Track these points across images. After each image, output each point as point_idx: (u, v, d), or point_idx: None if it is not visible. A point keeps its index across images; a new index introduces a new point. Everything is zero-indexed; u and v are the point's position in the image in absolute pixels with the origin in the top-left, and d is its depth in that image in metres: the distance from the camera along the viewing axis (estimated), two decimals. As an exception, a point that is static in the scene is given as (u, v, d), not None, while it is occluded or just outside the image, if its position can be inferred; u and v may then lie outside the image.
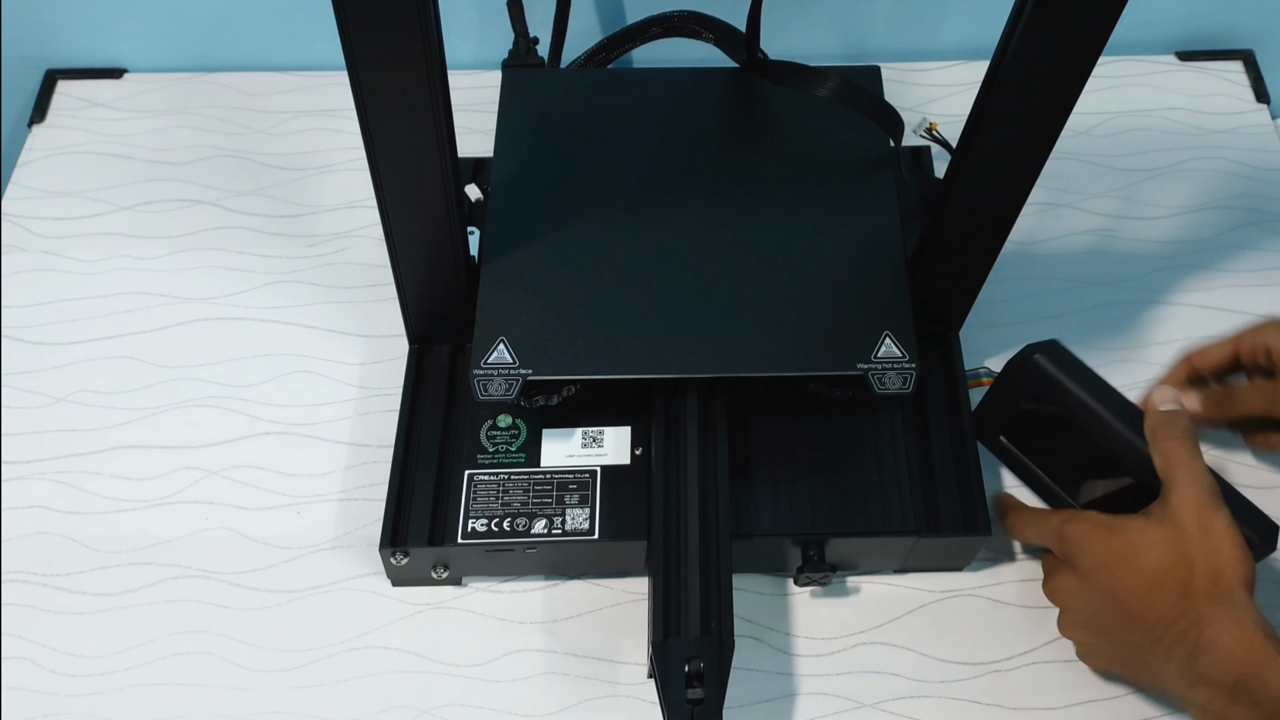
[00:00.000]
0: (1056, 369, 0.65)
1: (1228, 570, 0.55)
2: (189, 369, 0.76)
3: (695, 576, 0.60)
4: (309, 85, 0.90)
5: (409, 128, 0.56)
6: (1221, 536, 0.56)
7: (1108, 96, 0.89)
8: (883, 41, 0.92)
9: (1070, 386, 0.64)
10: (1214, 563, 0.55)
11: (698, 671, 0.57)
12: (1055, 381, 0.65)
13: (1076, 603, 0.61)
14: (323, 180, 0.85)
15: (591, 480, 0.66)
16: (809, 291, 0.65)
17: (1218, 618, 0.54)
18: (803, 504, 0.65)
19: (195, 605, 0.68)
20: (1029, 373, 0.66)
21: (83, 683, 0.65)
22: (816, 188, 0.69)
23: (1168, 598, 0.56)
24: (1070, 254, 0.82)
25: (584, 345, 0.63)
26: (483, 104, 0.86)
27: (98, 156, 0.87)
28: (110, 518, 0.71)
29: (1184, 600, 0.55)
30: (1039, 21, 0.51)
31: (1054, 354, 0.65)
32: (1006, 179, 0.59)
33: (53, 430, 0.74)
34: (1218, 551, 0.55)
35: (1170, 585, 0.56)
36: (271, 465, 0.73)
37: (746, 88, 0.74)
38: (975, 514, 0.65)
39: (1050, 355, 0.65)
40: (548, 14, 0.81)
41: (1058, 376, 0.65)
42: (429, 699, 0.65)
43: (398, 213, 0.61)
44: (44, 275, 0.81)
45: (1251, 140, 0.87)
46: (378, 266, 0.80)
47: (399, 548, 0.64)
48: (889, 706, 0.65)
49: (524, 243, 0.66)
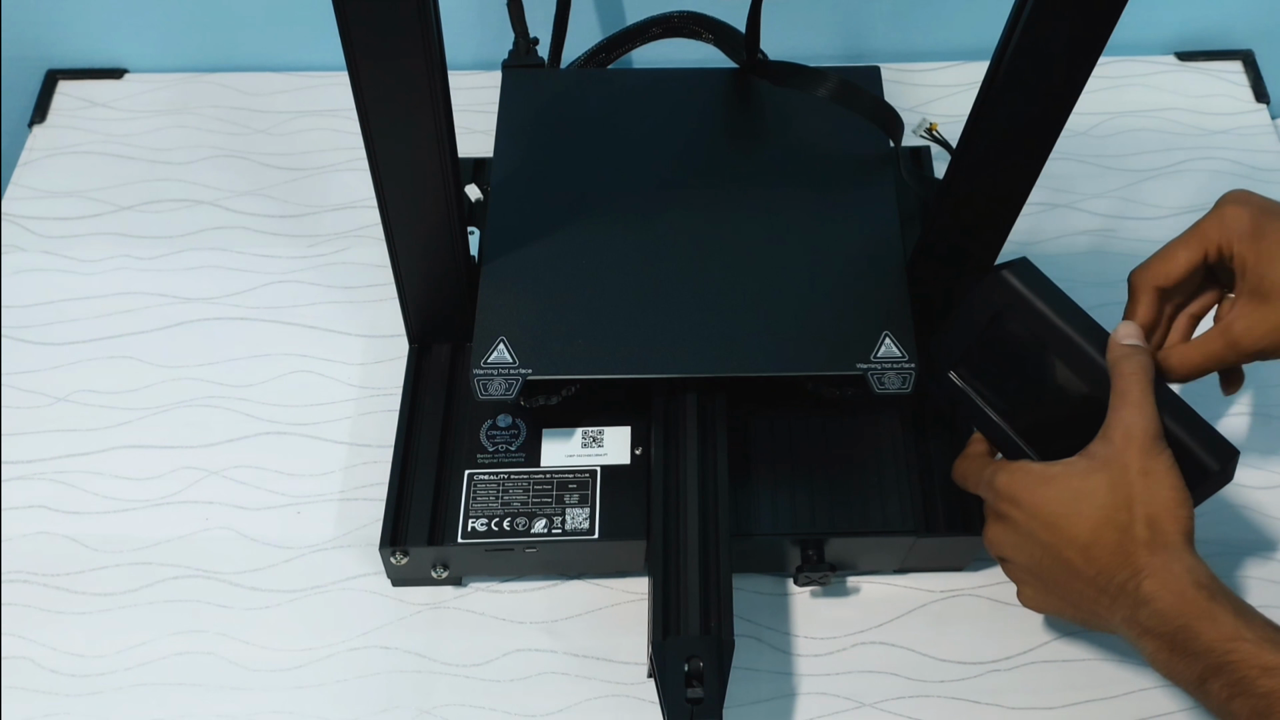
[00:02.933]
0: (1024, 286, 0.61)
1: (1165, 517, 0.53)
2: (189, 369, 0.76)
3: (695, 576, 0.60)
4: (309, 85, 0.90)
5: (409, 128, 0.56)
6: (1161, 480, 0.54)
7: (1107, 97, 0.89)
8: (883, 41, 0.92)
9: (1038, 304, 0.60)
10: (1152, 509, 0.53)
11: (697, 671, 0.57)
12: (1022, 299, 0.61)
13: (1015, 554, 0.58)
14: (323, 180, 0.85)
15: (591, 480, 0.66)
16: (808, 291, 0.65)
17: (1154, 569, 0.52)
18: (802, 504, 0.65)
19: (195, 605, 0.68)
20: (995, 291, 0.62)
21: (83, 683, 0.65)
22: (816, 188, 0.69)
23: (1108, 548, 0.54)
24: (1070, 254, 0.82)
25: (584, 345, 0.63)
26: (483, 104, 0.86)
27: (98, 156, 0.87)
28: (110, 518, 0.71)
29: (1123, 549, 0.53)
30: (1039, 22, 0.51)
31: (1023, 272, 0.62)
32: (1006, 179, 0.59)
33: (53, 430, 0.74)
34: (1156, 496, 0.53)
35: (1109, 534, 0.54)
36: (271, 465, 0.73)
37: (746, 88, 0.74)
38: (975, 514, 0.65)
39: (1019, 273, 0.61)
40: (548, 14, 0.81)
41: (1025, 294, 0.61)
42: (429, 699, 0.65)
43: (398, 213, 0.61)
44: (44, 275, 0.81)
45: (1251, 140, 0.87)
46: (378, 266, 0.80)
47: (399, 547, 0.64)
48: (889, 706, 0.65)
49: (524, 243, 0.66)
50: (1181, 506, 0.54)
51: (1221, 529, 0.71)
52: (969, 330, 0.63)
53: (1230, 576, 0.69)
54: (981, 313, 0.62)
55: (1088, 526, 0.54)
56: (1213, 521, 0.71)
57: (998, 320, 0.62)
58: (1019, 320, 0.61)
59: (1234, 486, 0.72)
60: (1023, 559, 0.58)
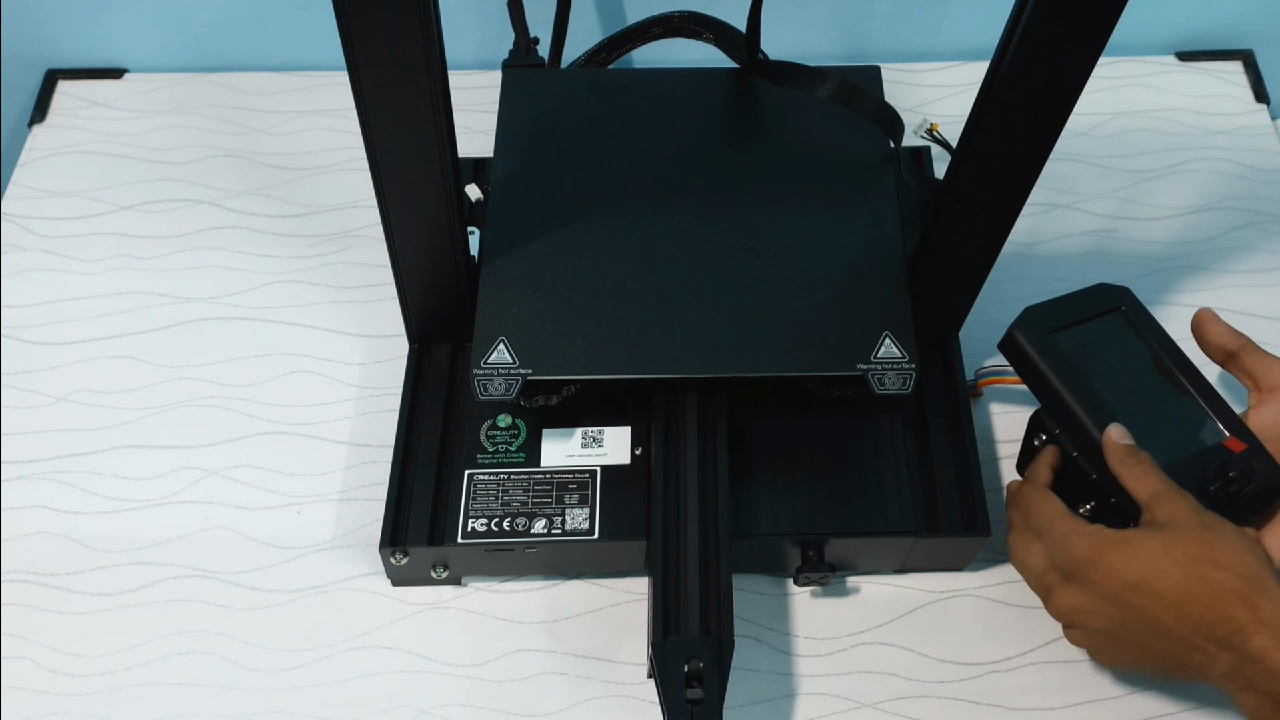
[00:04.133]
0: (1031, 344, 0.63)
1: (1247, 560, 0.54)
2: (189, 369, 0.76)
3: (695, 576, 0.60)
4: (309, 85, 0.90)
5: (409, 128, 0.56)
6: (1224, 529, 0.55)
7: (1108, 97, 0.89)
8: (883, 42, 0.92)
9: (1042, 367, 0.63)
10: (1230, 557, 0.54)
11: (697, 671, 0.57)
12: (1028, 360, 0.63)
13: (1090, 619, 0.58)
14: (323, 180, 0.85)
15: (591, 480, 0.66)
16: (809, 292, 0.65)
17: (1259, 627, 0.52)
18: (802, 504, 0.65)
19: (195, 605, 0.68)
20: (1009, 351, 0.64)
21: (83, 683, 0.65)
22: (817, 188, 0.69)
23: (1200, 602, 0.54)
24: (1070, 255, 0.82)
25: (584, 345, 0.63)
26: (483, 104, 0.86)
27: (98, 156, 0.87)
28: (110, 518, 0.71)
29: (1218, 602, 0.53)
30: (1039, 22, 0.51)
31: (1033, 325, 0.64)
32: (1006, 179, 0.59)
33: (53, 430, 0.74)
34: (1229, 544, 0.54)
35: (1199, 588, 0.54)
36: (271, 465, 0.73)
37: (746, 88, 0.74)
38: (975, 514, 0.65)
39: (1029, 328, 0.64)
40: (548, 14, 0.81)
41: (1031, 355, 0.63)
42: (429, 699, 0.65)
43: (398, 213, 0.61)
44: (44, 275, 0.81)
45: (1251, 141, 0.87)
46: (378, 266, 0.80)
47: (399, 547, 0.64)
48: (889, 706, 0.65)
49: (524, 243, 0.66)
50: (1253, 548, 0.55)
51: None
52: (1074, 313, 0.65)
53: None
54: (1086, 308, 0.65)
55: (1174, 584, 0.54)
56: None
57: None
58: (1029, 382, 0.64)
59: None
60: (1100, 623, 0.58)
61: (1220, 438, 0.62)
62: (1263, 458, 0.61)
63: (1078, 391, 0.62)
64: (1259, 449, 0.62)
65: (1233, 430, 0.62)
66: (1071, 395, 0.62)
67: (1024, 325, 0.64)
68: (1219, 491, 0.60)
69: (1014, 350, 0.65)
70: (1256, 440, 0.62)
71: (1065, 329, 0.64)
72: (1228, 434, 0.62)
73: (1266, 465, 0.61)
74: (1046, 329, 0.64)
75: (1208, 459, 0.61)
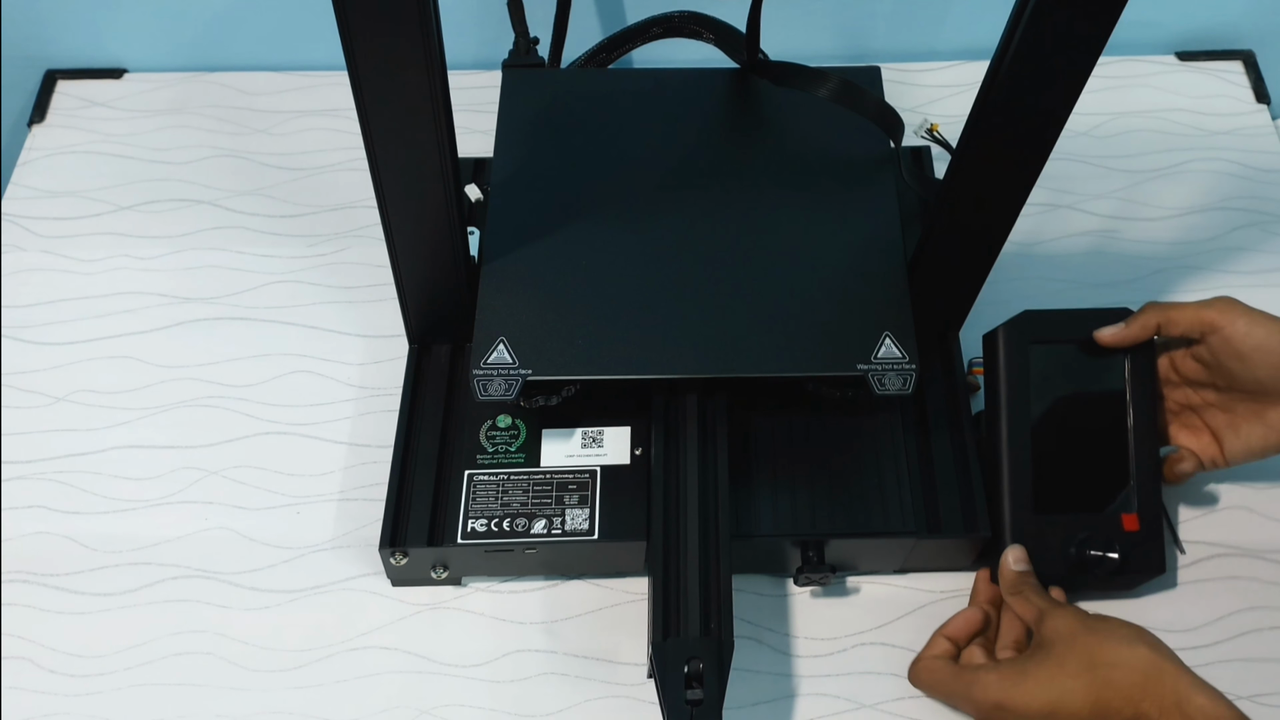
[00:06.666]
0: (1004, 347, 0.66)
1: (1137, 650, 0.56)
2: (189, 369, 0.76)
3: (695, 577, 0.60)
4: (309, 85, 0.90)
5: (409, 128, 0.56)
6: (1106, 626, 0.58)
7: (1108, 97, 0.89)
8: (883, 42, 0.92)
9: (999, 374, 0.65)
10: (1120, 653, 0.56)
11: (697, 672, 0.57)
12: (993, 361, 0.66)
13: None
14: (323, 180, 0.85)
15: (591, 480, 0.66)
16: (809, 292, 0.65)
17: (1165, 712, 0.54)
18: (802, 505, 0.65)
19: (195, 605, 0.68)
20: (986, 346, 0.67)
21: (83, 683, 0.65)
22: (817, 188, 0.69)
23: (1112, 706, 0.55)
24: (1070, 255, 0.82)
25: (584, 345, 0.63)
26: (483, 104, 0.86)
27: (98, 156, 0.87)
28: (110, 518, 0.71)
29: (1128, 703, 0.55)
30: (1039, 22, 0.51)
31: (1019, 329, 0.66)
32: (1006, 179, 0.59)
33: (53, 430, 0.74)
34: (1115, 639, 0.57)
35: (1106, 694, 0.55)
36: (271, 465, 0.73)
37: (746, 88, 0.74)
38: (975, 514, 0.65)
39: (1013, 331, 0.66)
40: (548, 14, 0.81)
41: (998, 357, 0.66)
42: (429, 699, 0.65)
43: (398, 213, 0.61)
44: (44, 275, 0.81)
45: (1252, 141, 0.87)
46: (378, 266, 0.80)
47: (399, 548, 0.64)
48: (889, 707, 0.65)
49: (524, 243, 0.66)
50: (1142, 631, 0.57)
51: (1221, 530, 0.71)
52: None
53: (1230, 576, 0.69)
54: None
55: (1082, 700, 0.56)
56: (1213, 523, 0.71)
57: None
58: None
59: (1234, 486, 0.72)
60: None
61: (1126, 510, 0.64)
62: (1152, 543, 0.64)
63: (1013, 413, 0.65)
64: (1154, 534, 0.64)
65: (1142, 508, 0.64)
66: (1006, 415, 0.65)
67: (1010, 326, 0.66)
68: (1076, 558, 0.64)
69: (989, 347, 0.67)
70: (1162, 525, 0.65)
71: (1048, 342, 0.66)
72: (1134, 509, 0.64)
73: (1146, 553, 0.64)
74: (1029, 337, 0.66)
75: (1094, 526, 0.64)
